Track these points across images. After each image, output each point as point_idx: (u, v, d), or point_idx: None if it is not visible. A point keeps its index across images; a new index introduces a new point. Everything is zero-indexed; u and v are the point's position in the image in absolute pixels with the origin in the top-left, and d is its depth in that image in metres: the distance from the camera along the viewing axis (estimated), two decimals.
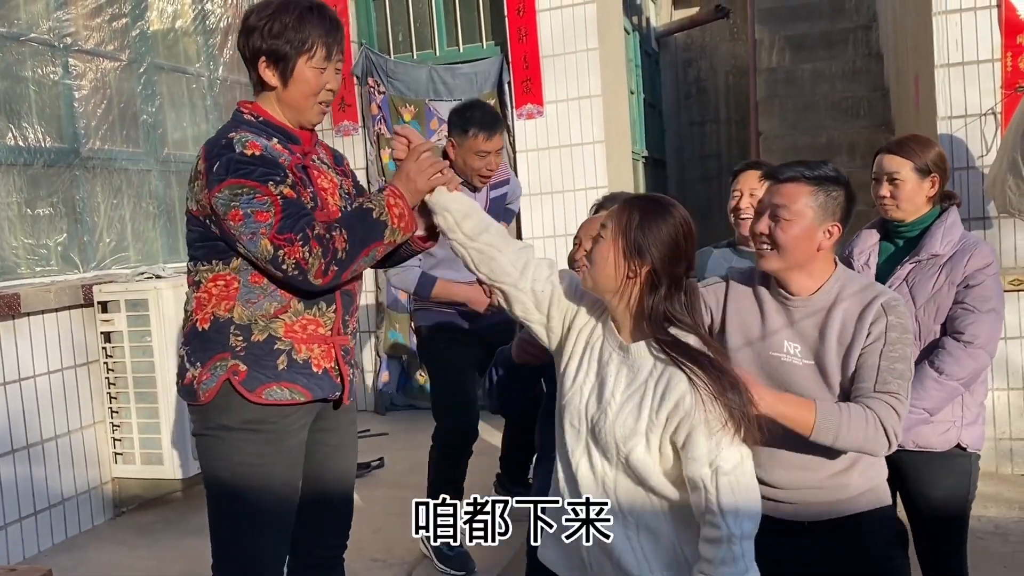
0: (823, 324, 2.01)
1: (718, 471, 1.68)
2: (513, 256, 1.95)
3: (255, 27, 2.06)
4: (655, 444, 1.73)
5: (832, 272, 2.06)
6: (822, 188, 2.00)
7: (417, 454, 4.94)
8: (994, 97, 4.23)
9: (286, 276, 1.96)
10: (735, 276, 2.21)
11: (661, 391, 1.72)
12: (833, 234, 2.01)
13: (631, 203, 1.84)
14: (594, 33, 5.58)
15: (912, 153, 2.52)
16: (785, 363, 2.05)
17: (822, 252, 2.02)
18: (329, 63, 2.09)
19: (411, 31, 6.24)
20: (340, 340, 2.15)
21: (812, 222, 1.99)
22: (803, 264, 2.02)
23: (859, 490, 2.06)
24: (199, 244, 2.09)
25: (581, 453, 1.84)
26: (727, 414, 1.68)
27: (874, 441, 1.91)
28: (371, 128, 6.08)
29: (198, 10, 5.21)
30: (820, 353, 2.01)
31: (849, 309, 1.99)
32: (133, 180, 4.65)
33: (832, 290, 2.03)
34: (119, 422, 4.12)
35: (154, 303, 3.98)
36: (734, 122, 9.92)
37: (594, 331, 1.90)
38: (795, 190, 2.00)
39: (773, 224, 2.01)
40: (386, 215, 2.01)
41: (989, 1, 4.22)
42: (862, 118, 6.95)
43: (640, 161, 7.66)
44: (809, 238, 1.99)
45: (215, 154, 2.01)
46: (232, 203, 1.95)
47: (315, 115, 2.15)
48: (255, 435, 2.04)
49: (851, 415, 1.91)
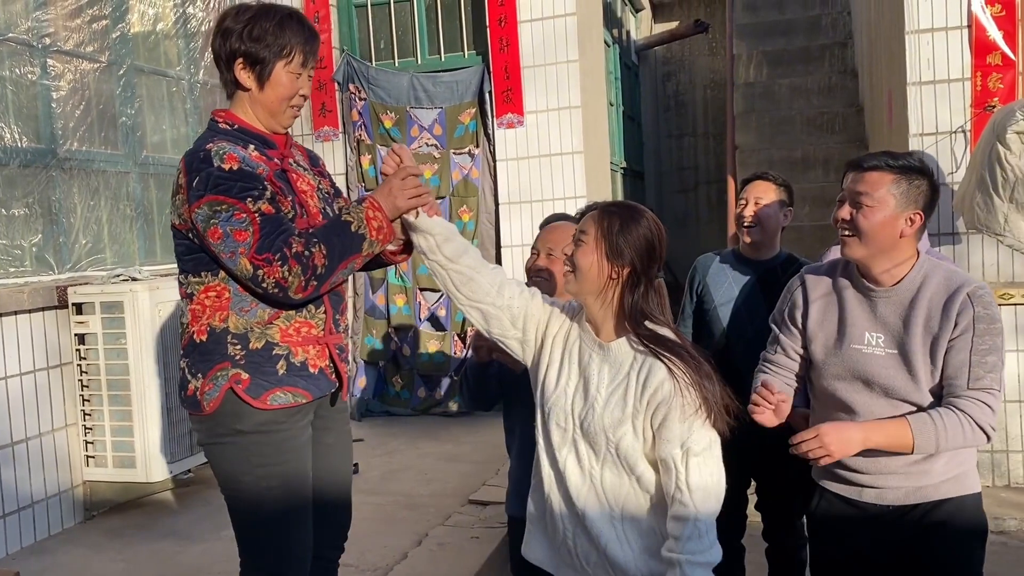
0: (907, 313, 2.04)
1: (688, 452, 1.81)
2: (490, 277, 2.04)
3: (233, 29, 2.10)
4: (640, 429, 1.86)
5: (915, 260, 2.08)
6: (905, 176, 2.03)
7: (392, 461, 4.96)
8: (964, 115, 4.32)
9: (266, 293, 2.02)
10: (812, 271, 2.25)
11: (643, 380, 1.85)
12: (915, 222, 2.03)
13: (608, 210, 1.96)
14: (575, 45, 5.64)
15: None
16: (866, 354, 2.08)
17: (905, 239, 2.04)
18: (304, 70, 2.16)
19: (393, 39, 6.26)
20: (334, 339, 2.21)
21: (894, 209, 2.02)
22: (886, 251, 2.05)
23: (943, 477, 2.08)
24: (187, 257, 2.13)
25: (568, 450, 1.94)
26: (701, 399, 1.81)
27: (973, 441, 1.97)
28: (351, 134, 6.10)
29: (179, 13, 5.20)
30: (904, 342, 2.03)
31: (934, 297, 2.02)
32: (111, 182, 4.63)
33: (916, 278, 2.06)
34: (91, 425, 4.09)
35: (129, 305, 3.96)
36: (712, 135, 10.02)
37: (569, 336, 2.01)
38: (878, 178, 2.03)
39: (855, 211, 2.05)
40: (364, 228, 2.06)
41: (960, 22, 4.31)
42: (837, 133, 7.05)
43: (619, 172, 7.72)
44: (891, 225, 2.02)
45: (194, 168, 2.04)
46: (212, 220, 1.99)
47: (287, 119, 2.20)
48: (268, 436, 2.12)
49: (946, 424, 1.95)
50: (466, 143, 5.95)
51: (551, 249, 2.36)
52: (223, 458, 2.16)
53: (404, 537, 3.74)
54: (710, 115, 10.06)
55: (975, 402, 1.96)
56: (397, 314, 6.09)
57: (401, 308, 6.11)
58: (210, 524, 3.92)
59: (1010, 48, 4.22)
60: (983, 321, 1.97)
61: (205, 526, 3.93)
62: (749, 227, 2.96)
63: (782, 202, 2.99)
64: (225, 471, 2.17)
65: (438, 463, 4.88)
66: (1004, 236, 3.89)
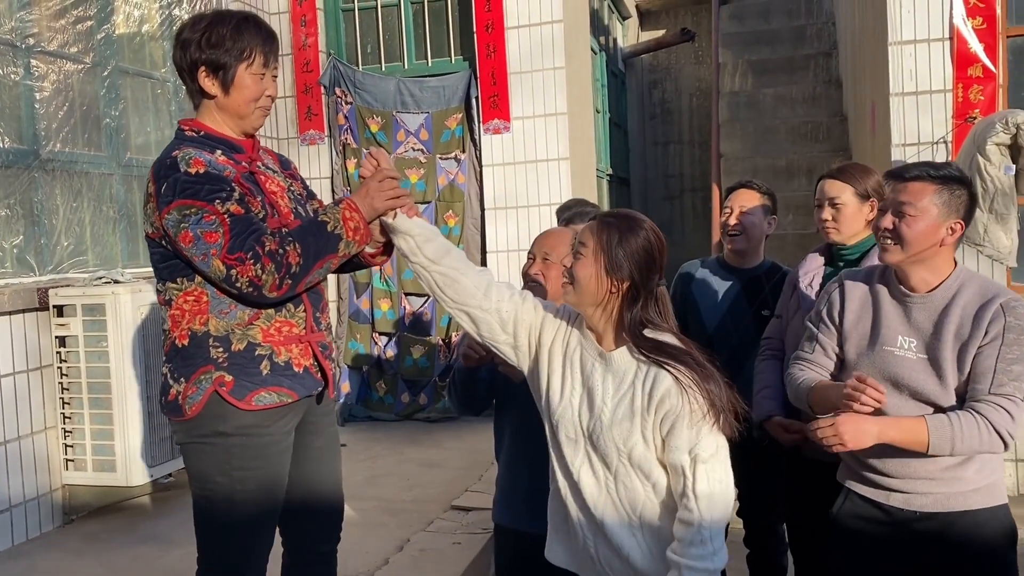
0: (940, 320, 2.06)
1: (697, 458, 1.79)
2: (476, 278, 2.00)
3: (191, 39, 2.12)
4: (651, 438, 1.84)
5: (953, 270, 2.11)
6: (946, 187, 2.06)
7: (375, 466, 4.94)
8: (946, 126, 4.36)
9: (241, 293, 2.02)
10: (850, 276, 2.28)
11: (648, 389, 1.83)
12: (956, 231, 2.07)
13: (607, 222, 1.91)
14: (561, 52, 5.66)
15: (853, 179, 2.62)
16: (898, 357, 2.10)
17: (944, 248, 2.08)
18: (267, 70, 2.17)
19: (380, 43, 6.26)
20: (315, 337, 2.21)
21: (936, 218, 2.05)
22: (925, 259, 2.08)
23: (974, 485, 2.09)
24: (162, 265, 2.14)
25: (582, 462, 1.92)
26: (708, 404, 1.79)
27: (989, 445, 1.98)
28: (337, 138, 6.09)
29: (165, 15, 5.18)
30: (935, 348, 2.06)
31: (967, 306, 2.04)
32: (94, 183, 4.60)
33: (952, 287, 2.08)
34: (71, 428, 4.05)
35: (111, 308, 3.93)
36: (697, 143, 10.07)
37: (569, 344, 1.97)
38: (920, 188, 2.07)
39: (897, 220, 2.08)
40: (341, 228, 2.06)
41: (942, 34, 4.35)
42: (821, 143, 7.10)
43: (604, 179, 7.74)
44: (933, 233, 2.05)
45: (162, 175, 2.06)
46: (182, 224, 2.00)
47: (256, 120, 2.21)
48: (251, 439, 2.12)
49: (963, 425, 1.97)
50: (452, 148, 5.95)
51: (547, 254, 2.35)
52: (200, 457, 2.15)
53: (386, 543, 3.73)
54: (696, 123, 10.11)
55: (995, 407, 1.97)
56: (382, 319, 6.08)
57: (386, 313, 6.10)
58: (190, 528, 3.83)
59: (991, 61, 4.27)
60: (1013, 331, 1.99)
61: (185, 531, 3.87)
62: (733, 235, 2.98)
63: (766, 210, 3.01)
64: (200, 470, 2.17)
65: (421, 469, 4.87)
66: (983, 246, 3.93)
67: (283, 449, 2.20)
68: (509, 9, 5.69)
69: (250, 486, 2.13)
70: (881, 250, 2.13)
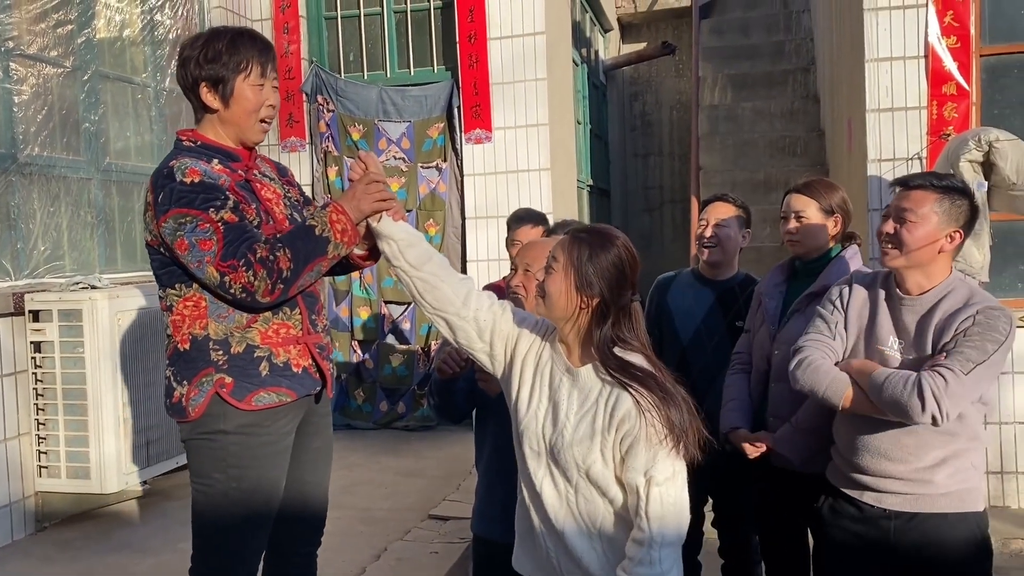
0: (924, 321, 2.13)
1: (651, 480, 1.80)
2: (456, 286, 2.02)
3: (190, 57, 2.21)
4: (609, 457, 1.85)
5: (947, 276, 2.17)
6: (947, 196, 2.13)
7: (352, 474, 4.93)
8: (920, 143, 4.43)
9: (235, 299, 2.08)
10: (858, 279, 2.35)
11: (610, 408, 1.83)
12: (955, 239, 2.13)
13: (579, 237, 1.92)
14: (543, 63, 5.70)
15: (818, 194, 2.68)
16: (887, 356, 2.18)
17: (943, 255, 2.14)
18: (265, 80, 2.24)
19: (363, 52, 6.27)
20: (313, 339, 2.27)
21: (936, 226, 2.12)
22: (923, 264, 2.15)
23: (943, 490, 2.15)
24: (161, 271, 2.21)
25: (544, 474, 1.94)
26: (667, 430, 1.79)
27: (908, 402, 2.01)
28: (319, 145, 6.09)
29: (147, 20, 5.17)
30: (918, 349, 2.13)
31: (949, 310, 2.11)
32: (72, 188, 4.57)
33: (941, 292, 2.15)
34: (45, 434, 4.02)
35: (88, 314, 3.91)
36: (677, 155, 10.14)
37: (541, 356, 1.99)
38: (922, 196, 2.14)
39: (899, 226, 2.15)
40: (328, 231, 2.11)
41: (918, 52, 4.43)
42: (799, 157, 7.17)
43: (585, 190, 7.78)
44: (932, 240, 2.12)
45: (159, 184, 2.13)
46: (178, 232, 2.07)
47: (257, 133, 2.28)
48: (250, 439, 2.18)
49: (896, 375, 2.06)
50: (434, 157, 5.97)
51: (528, 265, 2.37)
52: (200, 454, 2.22)
53: (362, 552, 3.72)
54: (676, 136, 10.19)
55: (931, 372, 2.02)
56: (361, 327, 6.08)
57: (365, 321, 6.09)
58: (165, 537, 3.86)
59: (964, 79, 4.34)
60: (979, 325, 2.05)
61: (160, 539, 3.87)
62: (708, 247, 3.02)
63: (741, 223, 3.05)
64: (199, 466, 2.22)
65: (398, 477, 4.86)
66: (957, 261, 3.96)
67: (281, 450, 2.25)
68: (492, 20, 5.73)
69: (246, 485, 2.18)
70: (882, 254, 2.20)
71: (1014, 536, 3.95)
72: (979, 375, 2.03)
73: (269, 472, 2.23)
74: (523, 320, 2.05)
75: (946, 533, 2.15)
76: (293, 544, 2.45)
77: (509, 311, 2.05)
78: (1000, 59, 4.44)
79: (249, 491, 2.20)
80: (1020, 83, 4.43)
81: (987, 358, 2.04)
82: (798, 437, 2.55)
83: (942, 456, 2.14)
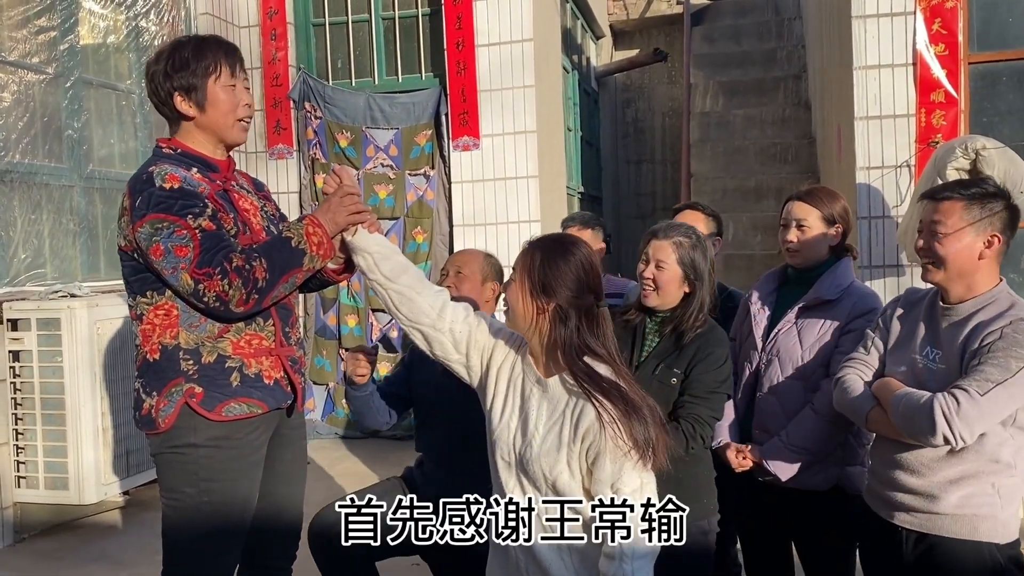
0: (959, 332, 2.07)
1: (618, 493, 1.81)
2: (431, 298, 2.04)
3: (158, 71, 2.20)
4: (576, 468, 1.86)
5: (993, 286, 2.10)
6: (977, 202, 2.08)
7: (338, 484, 4.88)
8: (909, 150, 4.41)
9: (208, 308, 2.06)
10: (909, 295, 2.32)
11: (575, 420, 1.84)
12: (994, 244, 2.07)
13: (534, 245, 1.97)
14: (531, 70, 5.67)
15: (820, 203, 2.62)
16: (922, 366, 2.13)
17: (984, 262, 2.08)
18: (236, 80, 2.24)
19: (350, 58, 6.24)
20: (285, 351, 2.25)
21: (970, 233, 2.07)
22: (965, 274, 2.09)
23: (952, 511, 2.06)
24: (133, 279, 2.18)
25: (514, 484, 1.94)
26: (631, 443, 1.79)
27: (922, 422, 1.97)
28: (306, 152, 6.05)
29: (132, 27, 5.13)
30: (951, 360, 2.07)
31: (984, 322, 2.04)
32: (54, 195, 4.53)
33: (982, 302, 2.08)
34: (24, 444, 3.97)
35: (67, 323, 3.87)
36: (669, 162, 10.12)
37: (514, 368, 2.01)
38: (950, 206, 2.10)
39: (932, 239, 2.10)
40: (304, 243, 2.11)
41: (906, 59, 4.41)
42: (789, 164, 7.16)
43: (576, 197, 7.75)
44: (968, 249, 2.07)
45: (137, 190, 2.10)
46: (154, 238, 2.04)
47: (238, 133, 2.27)
48: (221, 451, 2.14)
49: (912, 396, 2.02)
50: (422, 164, 5.94)
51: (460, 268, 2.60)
52: (170, 468, 2.18)
53: None
54: (668, 142, 10.16)
55: (948, 394, 1.96)
56: (348, 335, 6.03)
57: (353, 329, 6.05)
58: (143, 548, 3.82)
59: (953, 86, 4.32)
60: (1006, 340, 1.98)
61: (138, 550, 3.83)
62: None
63: (711, 232, 3.02)
64: (169, 481, 2.19)
65: None
66: None
67: (253, 463, 2.22)
68: (480, 27, 5.70)
69: (217, 499, 2.15)
70: (923, 271, 2.16)
71: None
72: (999, 395, 1.93)
73: (241, 485, 2.19)
74: (499, 331, 2.07)
75: (954, 561, 2.06)
76: (267, 558, 2.42)
77: (485, 323, 2.07)
78: (988, 67, 4.42)
79: (221, 504, 2.16)
80: (1008, 91, 4.42)
81: (1009, 377, 1.94)
82: (787, 452, 2.51)
83: (956, 475, 2.05)
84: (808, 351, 2.53)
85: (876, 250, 4.45)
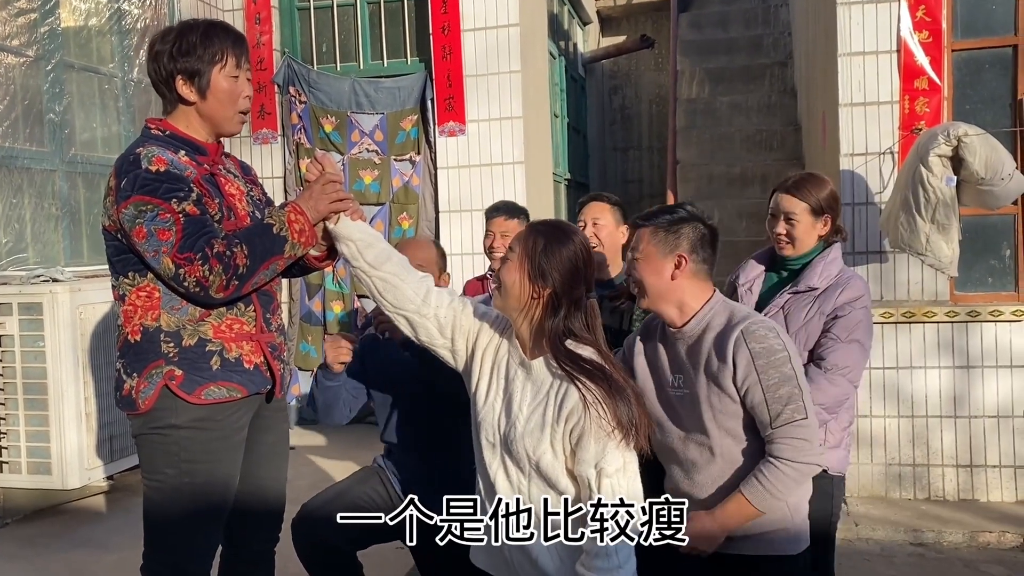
0: (694, 354, 2.12)
1: (602, 472, 1.83)
2: (416, 285, 2.05)
3: (163, 51, 2.18)
4: (559, 449, 1.88)
5: (706, 302, 2.14)
6: (661, 227, 2.14)
7: (322, 470, 4.88)
8: (892, 137, 4.43)
9: (188, 292, 2.06)
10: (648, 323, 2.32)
11: (559, 401, 1.86)
12: (683, 264, 2.11)
13: (535, 229, 1.98)
14: (517, 56, 5.65)
15: (808, 195, 2.61)
16: (674, 395, 2.17)
17: (678, 282, 2.12)
18: (240, 71, 2.23)
19: (335, 43, 6.21)
20: (266, 337, 2.25)
21: (658, 257, 2.12)
22: (663, 296, 2.14)
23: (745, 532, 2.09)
24: (116, 259, 2.18)
25: (498, 466, 1.97)
26: (615, 422, 1.81)
27: (807, 475, 2.05)
28: (291, 137, 6.02)
29: (114, 9, 5.09)
30: (694, 383, 2.11)
31: (713, 339, 2.08)
32: (35, 180, 4.49)
33: (703, 319, 2.12)
34: (6, 429, 3.95)
35: (49, 307, 3.84)
36: (656, 149, 10.13)
37: (499, 350, 2.03)
38: (639, 234, 2.18)
39: (632, 266, 2.18)
40: (286, 230, 2.11)
41: (890, 46, 4.42)
42: (775, 151, 7.18)
43: (563, 183, 7.75)
44: (658, 272, 2.12)
45: (124, 170, 2.10)
46: (137, 220, 2.04)
47: (235, 124, 2.26)
48: (202, 433, 2.14)
49: (771, 479, 2.01)
50: (407, 150, 5.92)
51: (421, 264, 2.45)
52: (151, 449, 2.18)
53: None
54: (655, 129, 10.17)
55: (786, 444, 2.01)
56: (334, 321, 6.02)
57: (338, 315, 6.04)
58: (128, 533, 3.80)
59: (936, 74, 4.34)
60: (761, 357, 2.02)
61: (123, 535, 3.82)
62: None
63: (617, 221, 3.04)
64: (150, 461, 2.20)
65: None
66: (926, 256, 3.99)
67: (234, 445, 2.22)
68: (465, 11, 5.68)
69: (198, 479, 2.16)
70: (638, 297, 2.20)
71: (982, 529, 3.96)
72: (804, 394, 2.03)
73: (221, 466, 2.20)
74: (484, 315, 2.09)
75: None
76: (249, 540, 2.43)
77: (470, 307, 2.09)
78: (972, 54, 4.44)
79: (201, 486, 2.17)
80: (992, 78, 4.44)
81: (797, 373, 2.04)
82: None
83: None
84: (793, 336, 2.54)
85: (859, 236, 4.48)
